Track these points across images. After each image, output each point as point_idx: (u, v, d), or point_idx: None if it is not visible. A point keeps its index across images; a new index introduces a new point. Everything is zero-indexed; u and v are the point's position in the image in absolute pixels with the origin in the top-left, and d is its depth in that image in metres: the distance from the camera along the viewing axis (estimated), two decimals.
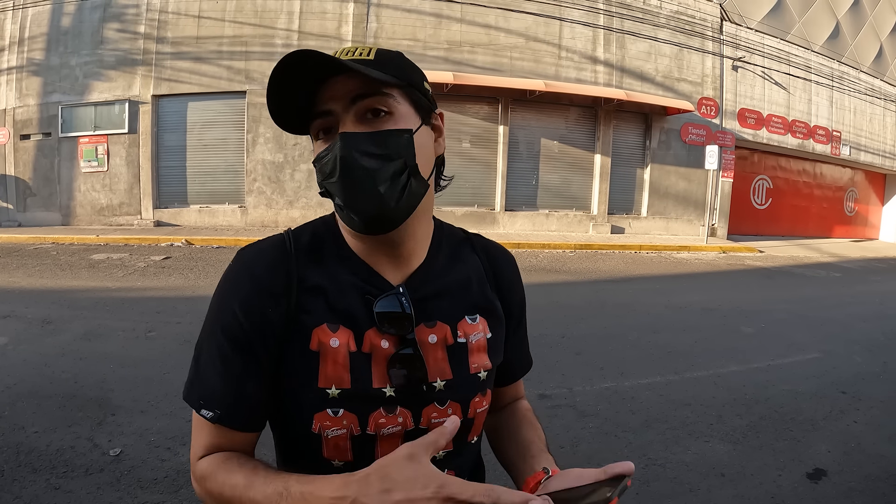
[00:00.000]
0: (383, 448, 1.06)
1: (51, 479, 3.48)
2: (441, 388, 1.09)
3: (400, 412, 1.06)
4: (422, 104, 1.06)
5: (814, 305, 9.98)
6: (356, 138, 0.98)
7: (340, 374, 1.03)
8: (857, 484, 3.85)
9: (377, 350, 1.05)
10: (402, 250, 1.09)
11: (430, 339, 1.09)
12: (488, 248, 1.28)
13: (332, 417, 1.03)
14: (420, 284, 1.11)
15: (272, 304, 1.02)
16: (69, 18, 17.03)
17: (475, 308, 1.17)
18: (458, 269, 1.18)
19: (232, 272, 1.06)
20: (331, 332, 1.04)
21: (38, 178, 17.44)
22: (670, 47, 19.05)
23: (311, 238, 1.11)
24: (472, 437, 1.18)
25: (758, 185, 22.95)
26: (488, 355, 1.17)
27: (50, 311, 7.37)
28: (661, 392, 5.36)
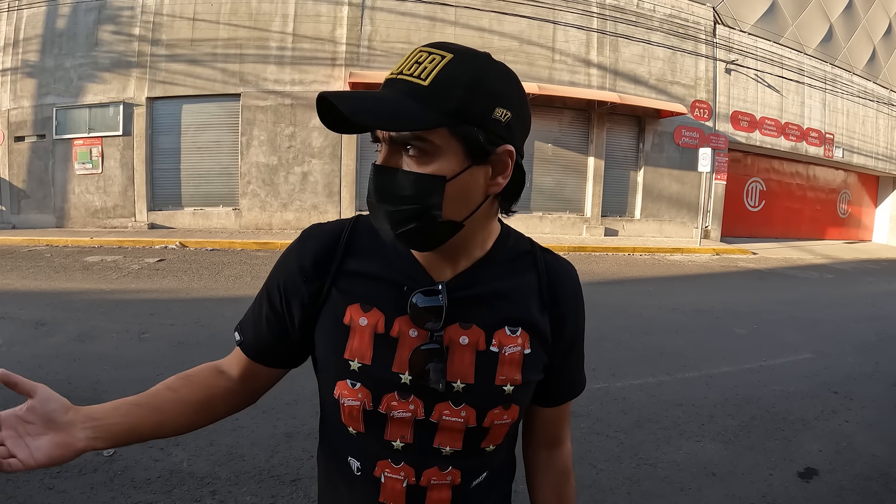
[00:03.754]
0: (393, 429, 1.11)
1: (44, 480, 3.49)
2: (459, 390, 1.09)
3: (413, 400, 1.09)
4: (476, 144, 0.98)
5: (806, 307, 10.02)
6: (383, 174, 0.99)
7: (364, 350, 1.09)
8: (849, 483, 3.88)
9: (405, 337, 1.09)
10: (450, 255, 1.10)
11: (461, 340, 1.10)
12: (551, 264, 1.23)
13: (349, 388, 1.10)
14: (464, 285, 1.11)
15: (305, 279, 1.14)
16: (64, 20, 17.01)
17: (518, 320, 1.14)
18: (510, 278, 1.16)
19: (292, 244, 1.21)
20: (362, 312, 1.10)
21: (33, 180, 17.40)
22: (664, 50, 19.08)
23: (370, 228, 1.15)
24: (488, 444, 1.16)
25: (751, 188, 22.99)
26: (521, 371, 1.14)
27: (44, 313, 7.37)
28: (653, 392, 5.39)
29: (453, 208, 1.00)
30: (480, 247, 1.14)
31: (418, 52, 0.98)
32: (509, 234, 1.22)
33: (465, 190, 1.01)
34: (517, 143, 1.03)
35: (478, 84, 0.97)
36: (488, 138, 0.99)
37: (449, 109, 0.94)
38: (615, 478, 3.81)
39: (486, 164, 1.01)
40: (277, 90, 16.67)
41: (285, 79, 16.68)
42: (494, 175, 1.04)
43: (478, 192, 1.03)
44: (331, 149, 16.93)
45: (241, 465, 3.73)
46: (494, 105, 0.98)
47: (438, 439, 1.12)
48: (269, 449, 3.92)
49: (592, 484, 3.73)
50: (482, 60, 1.00)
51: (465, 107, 0.96)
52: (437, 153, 0.97)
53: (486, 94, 0.98)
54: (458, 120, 0.95)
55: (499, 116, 0.99)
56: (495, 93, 0.99)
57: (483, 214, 1.08)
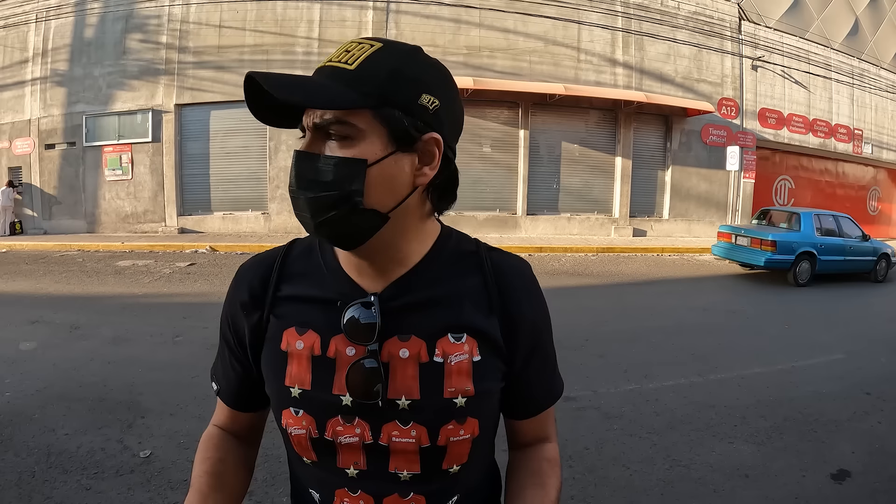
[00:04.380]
0: (344, 456, 1.05)
1: (81, 480, 3.55)
2: (405, 408, 1.02)
3: (358, 423, 1.03)
4: (401, 128, 0.95)
5: (837, 306, 9.91)
6: (304, 160, 0.96)
7: (303, 375, 1.04)
8: (882, 484, 3.84)
9: (342, 357, 1.03)
10: (382, 262, 1.05)
11: (401, 354, 1.03)
12: (498, 263, 1.14)
13: (294, 416, 1.05)
14: (399, 294, 1.05)
15: (245, 312, 1.12)
16: (92, 30, 17.26)
17: (462, 327, 1.06)
18: (450, 282, 1.09)
19: (231, 282, 1.18)
20: (298, 335, 1.06)
21: (63, 187, 17.68)
22: (689, 48, 18.98)
23: (302, 251, 1.15)
24: (450, 465, 1.07)
25: (780, 186, 22.77)
26: (472, 380, 1.05)
27: (78, 317, 7.48)
28: (685, 394, 5.36)
29: (377, 197, 0.96)
30: (416, 251, 1.08)
31: (350, 42, 0.98)
32: (450, 235, 1.15)
33: (388, 177, 0.96)
34: (446, 134, 1.00)
35: (404, 69, 0.96)
36: (413, 123, 0.96)
37: (373, 91, 0.92)
38: (649, 479, 3.79)
39: (412, 153, 0.98)
40: None
41: None
42: (421, 165, 0.99)
43: (403, 181, 0.98)
44: None
45: (277, 466, 3.76)
46: (421, 91, 0.96)
47: (393, 463, 1.05)
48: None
49: (626, 485, 3.72)
50: (411, 50, 0.99)
51: (391, 90, 0.94)
52: (360, 137, 0.94)
53: (412, 80, 0.96)
54: (381, 102, 0.93)
55: (425, 103, 0.97)
56: (422, 80, 0.97)
57: (413, 212, 1.03)
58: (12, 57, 17.89)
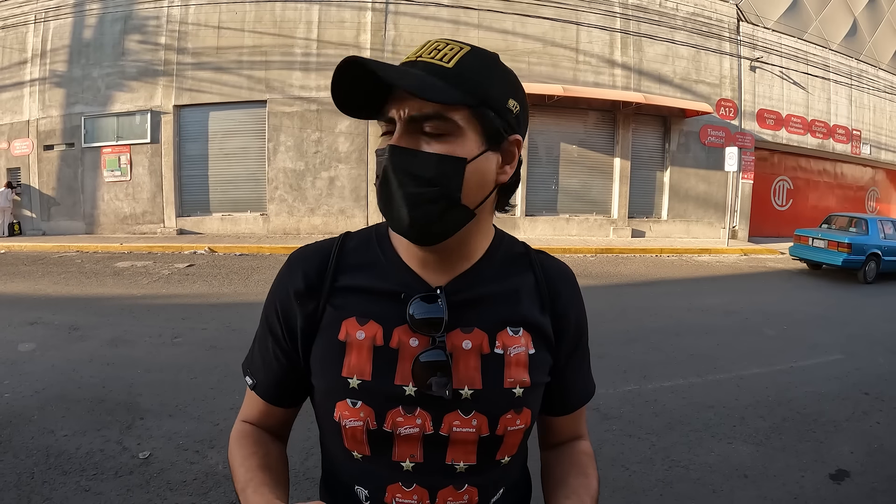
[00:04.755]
0: (401, 448, 1.05)
1: (81, 482, 3.55)
2: (467, 397, 1.04)
3: (419, 413, 1.03)
4: (493, 128, 0.99)
5: (836, 307, 9.92)
6: (402, 155, 0.96)
7: (363, 365, 1.04)
8: (880, 484, 3.84)
9: (405, 347, 1.04)
10: (451, 256, 1.07)
11: (464, 345, 1.05)
12: (547, 265, 1.20)
13: (350, 408, 1.04)
14: (462, 288, 1.07)
15: (300, 302, 1.09)
16: (90, 31, 17.26)
17: (519, 321, 1.10)
18: (508, 279, 1.13)
19: (281, 270, 1.16)
20: (359, 325, 1.05)
21: (62, 188, 17.68)
22: (687, 49, 18.99)
23: (359, 243, 1.14)
24: (503, 456, 1.10)
25: (778, 186, 22.80)
26: (529, 372, 1.09)
27: (76, 318, 7.48)
28: (684, 394, 5.37)
29: (470, 193, 0.99)
30: (480, 247, 1.11)
31: (435, 42, 1.00)
32: (503, 237, 1.19)
33: (480, 174, 1.00)
34: (523, 136, 1.06)
35: (496, 73, 1.01)
36: (503, 125, 1.00)
37: (473, 91, 0.96)
38: (647, 480, 3.80)
39: (498, 152, 1.02)
40: (303, 96, 16.79)
41: (311, 84, 16.78)
42: (503, 164, 1.04)
43: (490, 178, 1.02)
44: (357, 153, 17.03)
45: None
46: (509, 95, 1.01)
47: (451, 454, 1.06)
48: (303, 451, 3.95)
49: (625, 486, 3.72)
50: (496, 56, 1.03)
51: (486, 91, 0.98)
52: (458, 134, 0.96)
53: (503, 83, 1.01)
54: (480, 102, 0.97)
55: (510, 106, 1.02)
56: (509, 85, 1.02)
57: (488, 209, 1.07)
58: (11, 58, 17.88)
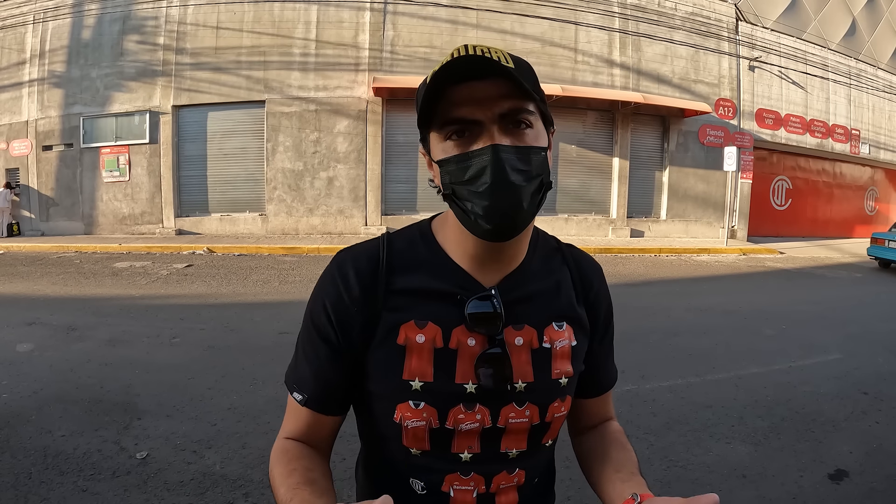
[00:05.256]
0: (459, 442, 1.10)
1: (78, 482, 3.54)
2: (521, 390, 1.10)
3: (478, 409, 1.09)
4: (549, 119, 1.06)
5: (835, 306, 9.91)
6: (510, 153, 0.97)
7: (424, 368, 1.07)
8: (879, 484, 3.83)
9: (464, 347, 1.07)
10: (505, 255, 1.10)
11: (516, 342, 1.10)
12: (578, 260, 1.26)
13: (413, 409, 1.07)
14: (512, 288, 1.11)
15: (356, 307, 1.09)
16: (89, 31, 17.25)
17: (562, 316, 1.17)
18: (550, 276, 1.19)
19: (327, 273, 1.14)
20: (418, 329, 1.07)
21: (61, 188, 17.68)
22: (686, 49, 18.99)
23: (406, 244, 1.15)
24: (547, 440, 1.19)
25: (777, 186, 22.81)
26: (571, 363, 1.17)
27: (75, 318, 7.48)
28: (682, 394, 5.36)
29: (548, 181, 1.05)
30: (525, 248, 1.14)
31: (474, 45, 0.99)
32: (538, 232, 1.23)
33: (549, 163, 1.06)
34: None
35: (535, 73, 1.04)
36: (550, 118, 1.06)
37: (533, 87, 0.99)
38: (645, 480, 3.79)
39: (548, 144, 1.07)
40: (302, 96, 16.79)
41: (309, 85, 16.79)
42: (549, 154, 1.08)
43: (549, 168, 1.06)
44: (356, 154, 17.03)
45: None
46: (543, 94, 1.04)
47: (505, 443, 1.12)
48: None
49: None
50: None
51: (537, 87, 1.02)
52: (535, 126, 1.01)
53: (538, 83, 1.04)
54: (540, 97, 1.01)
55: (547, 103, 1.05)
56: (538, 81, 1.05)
57: None
58: (10, 58, 17.88)
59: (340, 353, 1.10)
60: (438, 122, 1.00)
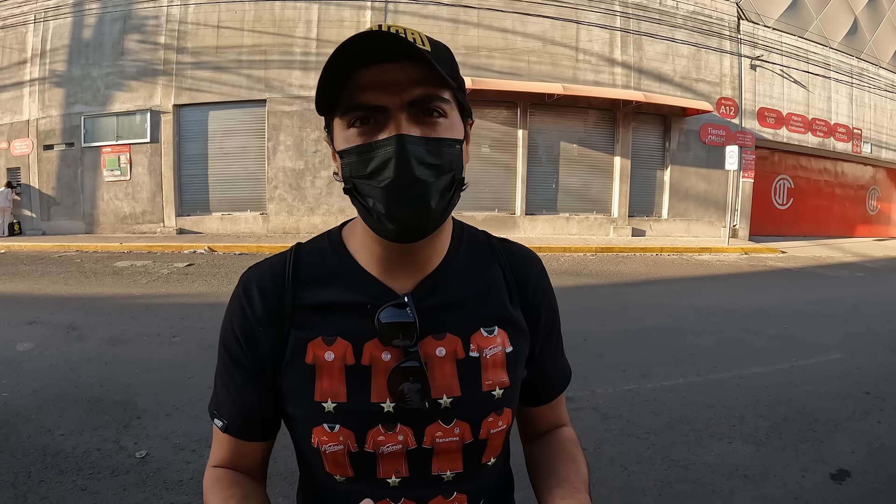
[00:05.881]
0: (384, 466, 1.02)
1: (77, 481, 3.53)
2: (447, 406, 1.01)
3: (400, 429, 1.01)
4: (466, 109, 0.99)
5: (836, 306, 9.89)
6: (417, 144, 0.89)
7: (336, 387, 0.99)
8: (881, 484, 3.82)
9: (378, 363, 1.00)
10: (419, 257, 1.02)
11: (437, 353, 1.01)
12: (513, 254, 1.16)
13: (328, 433, 0.99)
14: (430, 293, 1.03)
15: (262, 327, 1.02)
16: (90, 30, 17.26)
17: (493, 319, 1.07)
18: (475, 276, 1.09)
19: (233, 295, 1.07)
20: (326, 346, 1.00)
21: (62, 188, 17.69)
22: (688, 48, 18.96)
23: (313, 255, 1.08)
24: (488, 458, 1.08)
25: (779, 185, 22.77)
26: (507, 371, 1.07)
27: (75, 317, 7.47)
28: (684, 394, 5.35)
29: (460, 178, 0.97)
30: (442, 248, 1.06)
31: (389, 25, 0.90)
32: (463, 227, 1.14)
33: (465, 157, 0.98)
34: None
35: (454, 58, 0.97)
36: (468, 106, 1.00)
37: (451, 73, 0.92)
38: (647, 480, 3.78)
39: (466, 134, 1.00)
40: (303, 95, 16.78)
41: (310, 84, 16.77)
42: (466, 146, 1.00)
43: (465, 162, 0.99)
44: None
45: (273, 466, 3.72)
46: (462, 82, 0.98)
47: (437, 465, 1.04)
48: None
49: (624, 486, 3.70)
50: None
51: (455, 74, 0.95)
52: (450, 116, 0.94)
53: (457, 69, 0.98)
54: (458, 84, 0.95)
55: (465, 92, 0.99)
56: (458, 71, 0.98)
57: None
58: (10, 58, 17.89)
59: (255, 376, 1.04)
60: (342, 108, 0.92)
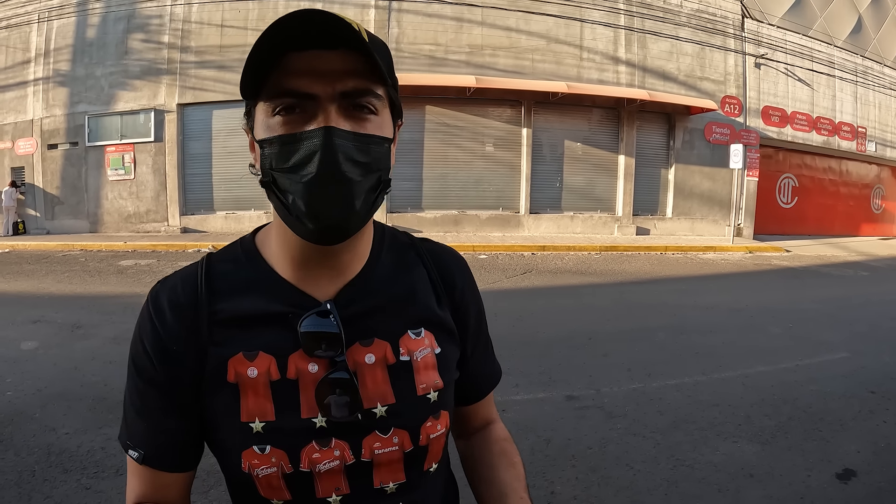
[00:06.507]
0: (323, 485, 0.95)
1: (82, 480, 3.53)
2: (382, 415, 0.97)
3: (336, 444, 0.95)
4: (398, 108, 0.95)
5: (841, 305, 9.87)
6: (346, 139, 0.84)
7: (263, 405, 0.93)
8: (887, 484, 3.80)
9: (305, 375, 0.94)
10: (340, 261, 0.97)
11: (367, 360, 0.97)
12: (436, 254, 1.13)
13: (259, 455, 0.92)
14: (354, 298, 0.98)
15: (177, 345, 0.94)
16: (94, 30, 17.28)
17: (420, 321, 1.03)
18: (400, 279, 1.05)
19: (143, 310, 0.98)
20: (248, 362, 0.93)
21: (66, 187, 17.71)
22: (692, 46, 18.94)
23: (227, 264, 1.01)
24: (430, 465, 1.04)
25: (783, 184, 22.73)
26: (439, 373, 1.03)
27: (79, 316, 7.48)
28: (689, 393, 5.33)
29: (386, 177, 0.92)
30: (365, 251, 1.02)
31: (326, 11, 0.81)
32: (384, 229, 1.10)
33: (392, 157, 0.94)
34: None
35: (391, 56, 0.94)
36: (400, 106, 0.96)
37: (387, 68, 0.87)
38: (653, 479, 3.77)
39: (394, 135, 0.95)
40: None
41: None
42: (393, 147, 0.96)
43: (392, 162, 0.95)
44: None
45: None
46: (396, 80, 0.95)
47: (378, 478, 0.98)
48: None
49: (630, 485, 3.69)
50: None
51: (391, 71, 0.91)
52: (381, 114, 0.90)
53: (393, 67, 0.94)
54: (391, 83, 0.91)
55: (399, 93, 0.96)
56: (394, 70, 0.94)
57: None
58: (15, 57, 17.91)
59: (172, 398, 0.95)
60: (268, 92, 0.86)
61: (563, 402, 4.99)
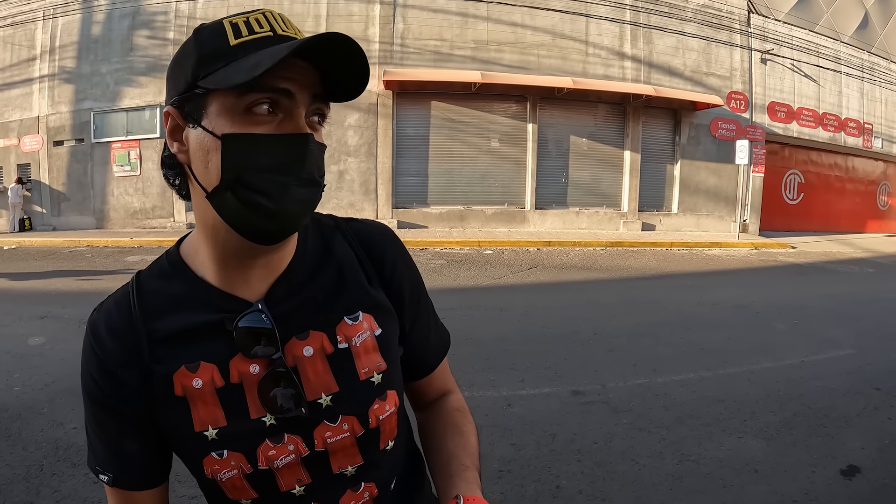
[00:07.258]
0: (285, 479, 0.98)
1: (89, 474, 3.52)
2: (328, 404, 0.98)
3: (289, 440, 0.97)
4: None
5: (847, 301, 9.85)
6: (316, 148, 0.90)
7: (213, 413, 0.95)
8: (892, 480, 3.80)
9: (248, 377, 0.95)
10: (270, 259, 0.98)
11: (305, 352, 0.98)
12: (361, 233, 1.13)
13: (218, 460, 0.95)
14: (284, 293, 0.99)
15: (121, 369, 0.95)
16: (99, 27, 17.29)
17: (355, 306, 1.04)
18: (329, 265, 1.05)
19: (84, 341, 1.00)
20: (191, 374, 0.94)
21: (72, 183, 17.74)
22: (698, 41, 18.89)
23: (156, 282, 1.01)
24: (385, 443, 1.06)
25: (789, 180, 22.66)
26: (381, 354, 1.05)
27: (86, 312, 7.29)
28: (694, 388, 5.34)
29: None
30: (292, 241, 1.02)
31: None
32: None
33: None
34: None
35: None
36: None
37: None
38: (658, 474, 3.77)
39: None
40: None
41: None
42: None
43: None
44: (366, 147, 17.03)
45: None
46: None
47: (336, 464, 1.01)
48: None
49: (635, 480, 3.70)
50: None
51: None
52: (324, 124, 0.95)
53: None
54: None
55: None
56: None
57: None
58: (20, 55, 17.94)
59: (127, 420, 0.97)
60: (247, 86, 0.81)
61: (568, 397, 4.99)
